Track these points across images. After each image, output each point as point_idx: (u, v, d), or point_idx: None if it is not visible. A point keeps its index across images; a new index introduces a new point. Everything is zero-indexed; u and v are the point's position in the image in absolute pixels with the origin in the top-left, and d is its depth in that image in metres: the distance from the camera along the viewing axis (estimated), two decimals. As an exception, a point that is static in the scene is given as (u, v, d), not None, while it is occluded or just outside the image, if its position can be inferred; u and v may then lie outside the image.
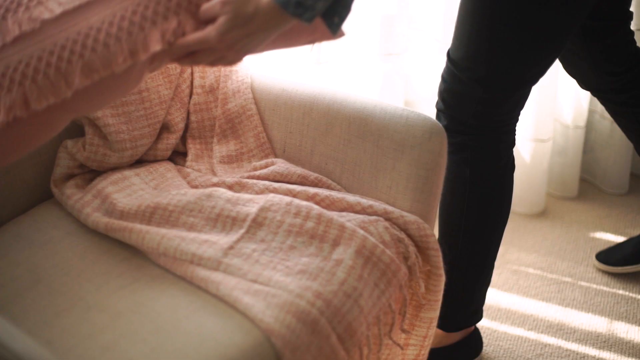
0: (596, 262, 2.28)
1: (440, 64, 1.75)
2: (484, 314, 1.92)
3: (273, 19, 1.23)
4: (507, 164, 1.72)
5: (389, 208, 1.44)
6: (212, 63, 1.32)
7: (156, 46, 1.28)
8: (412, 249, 1.41)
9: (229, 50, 1.28)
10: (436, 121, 1.47)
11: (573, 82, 2.07)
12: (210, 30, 1.25)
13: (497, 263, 2.23)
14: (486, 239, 1.76)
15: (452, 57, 1.64)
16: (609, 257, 2.27)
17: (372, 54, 2.11)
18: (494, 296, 2.14)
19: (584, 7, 1.55)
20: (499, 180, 1.72)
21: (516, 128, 1.73)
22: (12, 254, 1.41)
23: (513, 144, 1.73)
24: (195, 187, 1.54)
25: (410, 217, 1.43)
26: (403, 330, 1.44)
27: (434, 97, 1.74)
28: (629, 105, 1.99)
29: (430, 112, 1.78)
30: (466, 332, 1.87)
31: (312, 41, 1.37)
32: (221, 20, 1.24)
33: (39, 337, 1.19)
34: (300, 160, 1.62)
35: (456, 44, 1.63)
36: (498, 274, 2.22)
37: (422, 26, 2.27)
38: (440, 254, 1.44)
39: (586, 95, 2.49)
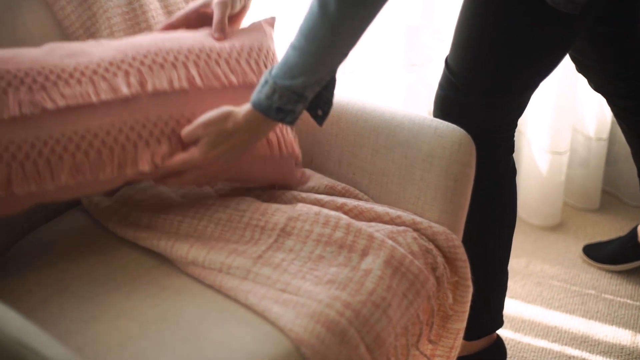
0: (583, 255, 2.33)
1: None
2: (508, 325, 1.91)
3: (256, 127, 1.35)
4: (507, 169, 1.72)
5: (417, 219, 1.44)
6: (198, 181, 1.43)
7: (145, 166, 1.36)
8: (440, 259, 1.41)
9: (213, 166, 1.39)
10: (465, 132, 1.47)
11: (595, 94, 2.07)
12: (193, 152, 1.36)
13: (520, 275, 2.24)
14: (492, 244, 1.75)
15: (449, 64, 1.65)
16: (594, 252, 2.31)
17: (397, 65, 2.11)
18: (517, 307, 2.13)
19: (585, 18, 1.55)
20: (498, 185, 1.72)
21: (514, 134, 1.73)
22: (40, 260, 1.42)
23: (512, 149, 1.74)
24: (223, 195, 1.54)
25: (438, 227, 1.43)
26: (430, 341, 1.44)
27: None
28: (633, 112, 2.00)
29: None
30: (489, 341, 1.86)
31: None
32: (203, 141, 1.35)
33: (68, 344, 1.19)
34: (328, 170, 1.62)
35: (455, 50, 1.63)
36: (522, 286, 2.22)
37: (447, 37, 2.27)
38: (468, 265, 1.44)
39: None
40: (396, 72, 2.13)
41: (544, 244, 2.45)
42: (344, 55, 1.32)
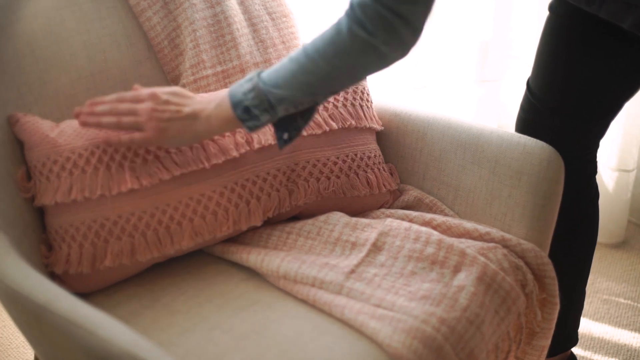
0: None
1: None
2: (578, 342, 1.90)
3: (218, 116, 1.27)
4: (590, 192, 1.71)
5: (507, 235, 1.44)
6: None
7: (258, 222, 1.42)
8: (529, 276, 1.40)
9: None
10: (554, 149, 1.46)
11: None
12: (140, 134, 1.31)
13: (587, 292, 2.21)
14: (573, 265, 1.74)
15: (530, 86, 1.64)
16: None
17: (468, 80, 2.11)
18: (586, 325, 2.12)
19: None
20: (581, 208, 1.71)
21: (596, 156, 1.71)
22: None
23: (595, 172, 1.72)
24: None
25: (527, 244, 1.42)
26: (516, 358, 1.43)
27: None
28: None
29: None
30: (563, 357, 1.85)
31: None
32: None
33: (166, 356, 1.19)
34: (411, 184, 1.62)
35: (535, 73, 1.63)
36: (588, 303, 2.20)
37: (519, 53, 2.27)
38: (556, 282, 1.43)
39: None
40: (467, 87, 2.12)
41: (609, 262, 2.43)
42: (332, 89, 1.25)
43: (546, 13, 1.59)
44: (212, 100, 1.28)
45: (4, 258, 1.14)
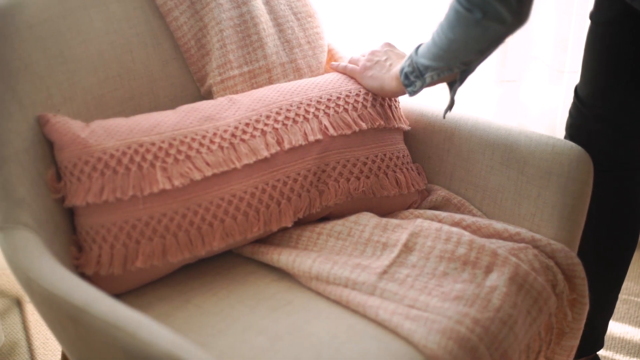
0: None
1: (552, 90, 1.76)
2: (607, 345, 1.90)
3: (393, 77, 1.53)
4: (636, 202, 1.70)
5: (537, 236, 1.43)
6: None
7: (289, 222, 1.42)
8: (560, 277, 1.40)
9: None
10: (583, 149, 1.46)
11: None
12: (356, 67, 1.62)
13: (606, 292, 2.21)
14: (610, 273, 1.74)
15: (578, 93, 1.64)
16: None
17: (488, 80, 2.11)
18: (615, 328, 2.11)
19: None
20: (625, 217, 1.70)
21: None
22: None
23: None
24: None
25: (557, 245, 1.42)
26: (547, 359, 1.43)
27: (548, 124, 1.73)
28: None
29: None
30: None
31: None
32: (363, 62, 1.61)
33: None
34: (439, 185, 1.63)
35: (582, 80, 1.63)
36: (620, 307, 2.20)
37: (539, 53, 2.27)
38: (586, 282, 1.43)
39: None
40: (487, 88, 2.12)
41: (629, 262, 2.43)
42: (460, 59, 1.37)
43: (563, 13, 1.59)
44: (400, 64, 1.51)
45: (39, 259, 1.14)
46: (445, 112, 1.50)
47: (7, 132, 1.27)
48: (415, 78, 1.45)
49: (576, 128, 1.66)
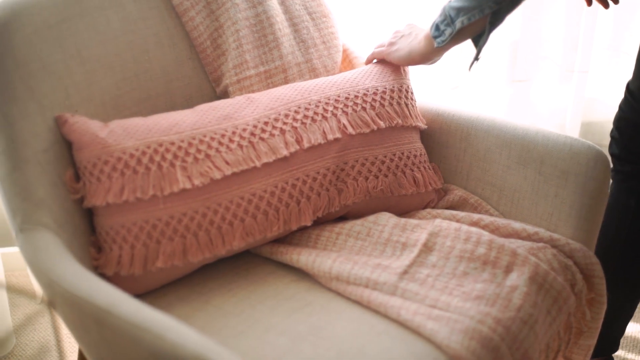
0: None
1: (561, 90, 1.76)
2: (621, 344, 1.89)
3: (424, 39, 1.55)
4: None
5: (555, 235, 1.43)
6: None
7: (308, 221, 1.42)
8: (579, 276, 1.40)
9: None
10: (600, 149, 1.46)
11: None
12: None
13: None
14: (634, 276, 1.74)
15: (630, 88, 1.65)
16: None
17: (499, 80, 2.11)
18: (628, 327, 2.11)
19: None
20: None
21: None
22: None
23: None
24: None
25: (575, 244, 1.42)
26: (566, 358, 1.43)
27: (557, 124, 1.74)
28: None
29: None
30: (602, 360, 1.86)
31: None
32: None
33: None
34: (455, 185, 1.62)
35: (634, 75, 1.64)
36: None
37: (549, 53, 2.27)
38: (604, 282, 1.43)
39: None
40: (498, 87, 2.12)
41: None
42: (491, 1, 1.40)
43: (574, 13, 1.60)
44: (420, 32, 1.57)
45: (60, 261, 1.14)
46: (471, 65, 1.51)
47: (27, 133, 1.27)
48: (445, 26, 1.46)
49: (625, 121, 1.67)
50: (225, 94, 1.58)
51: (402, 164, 1.54)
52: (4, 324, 1.96)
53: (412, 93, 1.61)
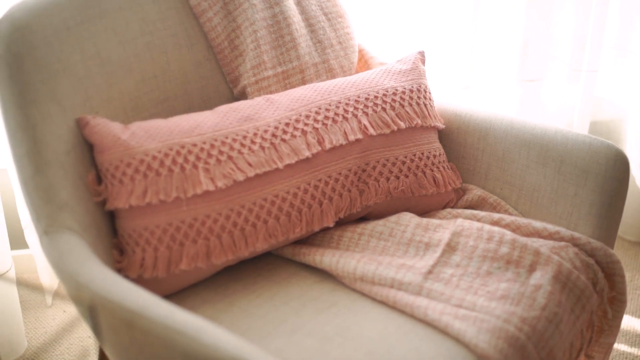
0: None
1: (569, 89, 1.76)
2: (623, 339, 1.90)
3: None
4: None
5: (576, 234, 1.44)
6: None
7: (330, 222, 1.42)
8: (600, 275, 1.41)
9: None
10: (619, 148, 1.47)
11: None
12: None
13: (627, 289, 2.22)
14: None
15: None
16: None
17: (510, 80, 2.11)
18: (629, 322, 2.12)
19: None
20: None
21: None
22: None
23: None
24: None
25: (596, 243, 1.43)
26: (587, 356, 1.44)
27: (565, 123, 1.74)
28: None
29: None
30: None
31: None
32: None
33: None
34: (473, 184, 1.62)
35: None
36: (630, 300, 2.21)
37: (559, 53, 2.27)
38: (625, 280, 1.44)
39: None
40: (509, 87, 2.13)
41: (647, 259, 2.45)
42: None
43: (585, 12, 1.61)
44: None
45: (87, 264, 1.13)
46: None
47: (49, 134, 1.26)
48: None
49: None
50: (242, 95, 1.58)
51: (422, 164, 1.54)
52: (15, 326, 1.95)
53: (430, 93, 1.61)
